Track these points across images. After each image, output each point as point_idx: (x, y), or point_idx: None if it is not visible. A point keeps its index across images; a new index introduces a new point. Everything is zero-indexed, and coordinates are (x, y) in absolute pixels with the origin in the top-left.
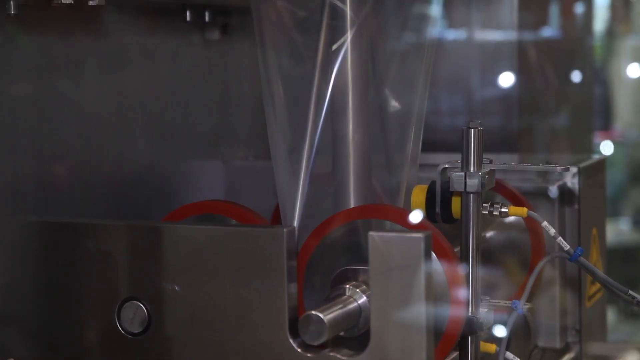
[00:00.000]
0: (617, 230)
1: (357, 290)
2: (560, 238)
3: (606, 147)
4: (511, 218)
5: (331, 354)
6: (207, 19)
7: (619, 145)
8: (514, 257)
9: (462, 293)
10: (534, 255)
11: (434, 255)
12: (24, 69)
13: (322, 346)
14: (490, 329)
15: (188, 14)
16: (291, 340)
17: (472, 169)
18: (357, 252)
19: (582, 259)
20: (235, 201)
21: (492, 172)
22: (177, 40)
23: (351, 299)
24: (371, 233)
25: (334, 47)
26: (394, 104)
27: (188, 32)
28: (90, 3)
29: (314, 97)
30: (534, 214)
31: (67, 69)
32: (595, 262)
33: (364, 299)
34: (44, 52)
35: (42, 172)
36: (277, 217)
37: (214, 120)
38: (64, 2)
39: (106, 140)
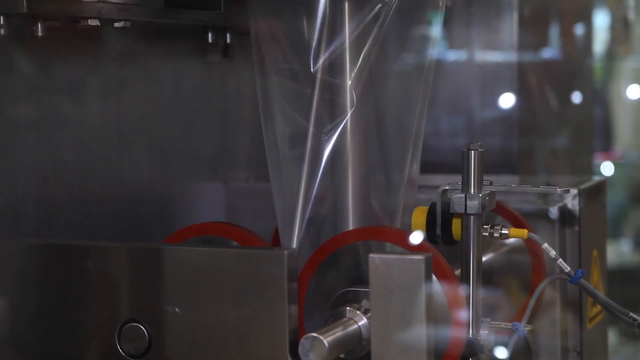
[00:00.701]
0: (618, 252)
1: (358, 312)
2: (560, 260)
3: (607, 168)
4: (512, 239)
5: None
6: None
7: (619, 166)
8: (515, 279)
9: (463, 315)
10: (534, 277)
11: (434, 277)
12: (26, 91)
13: None
14: (491, 351)
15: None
16: None
17: (472, 191)
18: (358, 274)
19: (582, 281)
20: (236, 222)
21: (492, 194)
22: (179, 62)
23: (351, 321)
24: (372, 255)
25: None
26: (393, 125)
27: (189, 54)
28: (116, 25)
29: (313, 118)
30: (535, 236)
31: (69, 91)
32: (596, 283)
33: (364, 320)
34: (45, 75)
35: (43, 194)
36: (277, 239)
37: (215, 142)
38: (91, 24)
39: (107, 161)
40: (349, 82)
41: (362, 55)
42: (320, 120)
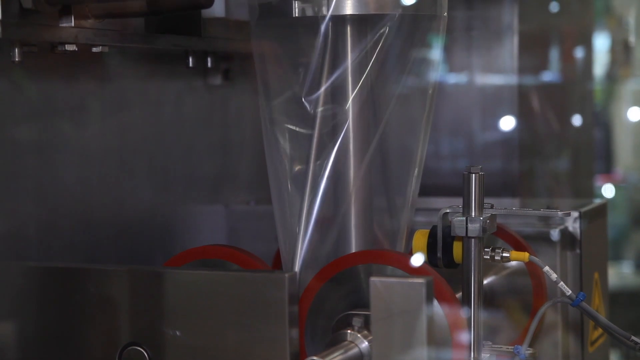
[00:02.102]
0: (620, 274)
1: (359, 335)
2: (562, 283)
3: (607, 191)
4: (513, 262)
5: None
6: (209, 64)
7: (620, 188)
8: (516, 301)
9: (464, 338)
10: (535, 300)
11: (435, 300)
12: (28, 115)
13: None
14: None
15: (190, 59)
16: None
17: (473, 214)
18: (359, 297)
19: (584, 304)
20: (237, 245)
21: (493, 217)
22: (180, 86)
23: (352, 344)
24: (373, 278)
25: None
26: (395, 148)
27: (190, 77)
28: (94, 50)
29: (315, 140)
30: (536, 259)
31: (70, 114)
32: (597, 306)
33: (365, 344)
34: (47, 98)
35: (44, 216)
36: (278, 262)
37: (216, 165)
38: (68, 49)
39: (108, 184)
40: (351, 105)
41: (364, 79)
42: (322, 143)
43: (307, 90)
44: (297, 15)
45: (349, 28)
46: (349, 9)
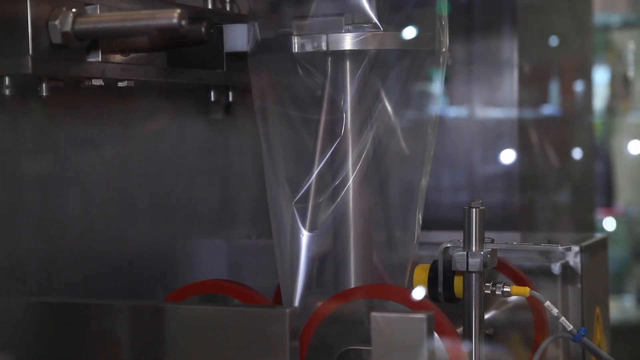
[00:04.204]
0: (621, 308)
1: None
2: (563, 318)
3: (608, 224)
4: (514, 297)
5: None
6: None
7: (621, 221)
8: (517, 336)
9: None
10: (537, 334)
11: (436, 335)
12: (29, 150)
13: None
14: None
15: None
16: None
17: (474, 249)
18: (360, 332)
19: (585, 339)
20: (238, 279)
21: (494, 252)
22: (181, 120)
23: None
24: (373, 314)
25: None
26: (396, 181)
27: (192, 111)
28: (119, 84)
29: (315, 175)
30: (537, 294)
31: (72, 149)
32: (599, 341)
33: None
34: (48, 133)
35: (45, 252)
36: (278, 296)
37: (217, 199)
38: (95, 83)
39: (110, 219)
40: (351, 139)
41: (363, 112)
42: (322, 177)
43: (306, 124)
44: (296, 50)
45: (348, 63)
46: (348, 45)
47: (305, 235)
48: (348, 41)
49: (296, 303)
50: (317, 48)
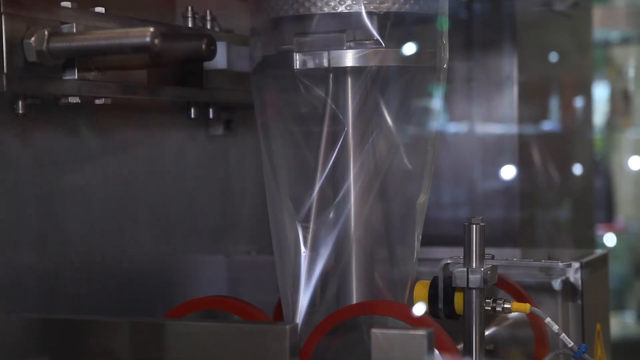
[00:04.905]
0: (622, 324)
1: None
2: (563, 335)
3: (609, 240)
4: (514, 313)
5: None
6: (211, 115)
7: (621, 237)
8: (518, 352)
9: None
10: (537, 351)
11: (436, 351)
12: (30, 166)
13: None
14: None
15: (192, 110)
16: None
17: (474, 265)
18: (360, 349)
19: (586, 356)
20: (238, 296)
21: (494, 268)
22: (182, 136)
23: None
24: (374, 330)
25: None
26: (397, 197)
27: (192, 127)
28: (97, 102)
29: (317, 191)
30: (537, 311)
31: (72, 164)
32: (599, 358)
33: None
34: (49, 149)
35: (45, 268)
36: (279, 312)
37: (217, 215)
38: (71, 101)
39: (110, 234)
40: (352, 155)
41: (365, 128)
42: (323, 193)
43: (308, 140)
44: (297, 67)
45: (349, 79)
46: (349, 62)
47: (307, 252)
48: (349, 58)
49: (297, 319)
50: (319, 65)
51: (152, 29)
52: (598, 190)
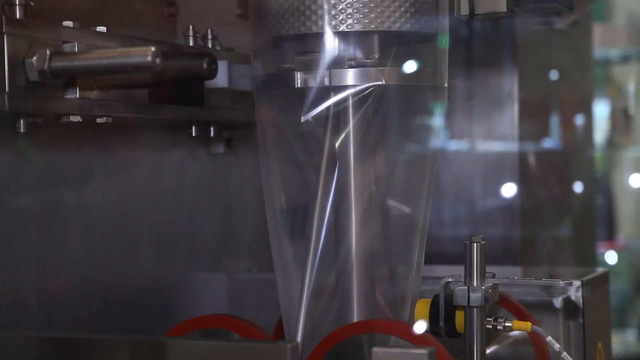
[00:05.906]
0: (624, 342)
1: None
2: (565, 353)
3: (610, 257)
4: (515, 332)
5: None
6: (212, 134)
7: (623, 255)
8: None
9: None
10: None
11: None
12: (31, 184)
13: None
14: None
15: (193, 129)
16: None
17: (475, 283)
18: None
19: None
20: (239, 314)
21: (495, 286)
22: (182, 154)
23: None
24: (375, 349)
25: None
26: (398, 215)
27: (193, 146)
28: (98, 121)
29: (318, 210)
30: (538, 329)
31: (74, 183)
32: None
33: None
34: (51, 168)
35: (46, 286)
36: (280, 330)
37: (218, 233)
38: (72, 120)
39: (110, 253)
40: (352, 173)
41: (365, 146)
42: (324, 211)
43: (309, 158)
44: (299, 85)
45: (350, 98)
46: (350, 80)
47: (308, 270)
48: (350, 77)
49: (298, 338)
50: (320, 84)
51: (153, 48)
52: (599, 208)
